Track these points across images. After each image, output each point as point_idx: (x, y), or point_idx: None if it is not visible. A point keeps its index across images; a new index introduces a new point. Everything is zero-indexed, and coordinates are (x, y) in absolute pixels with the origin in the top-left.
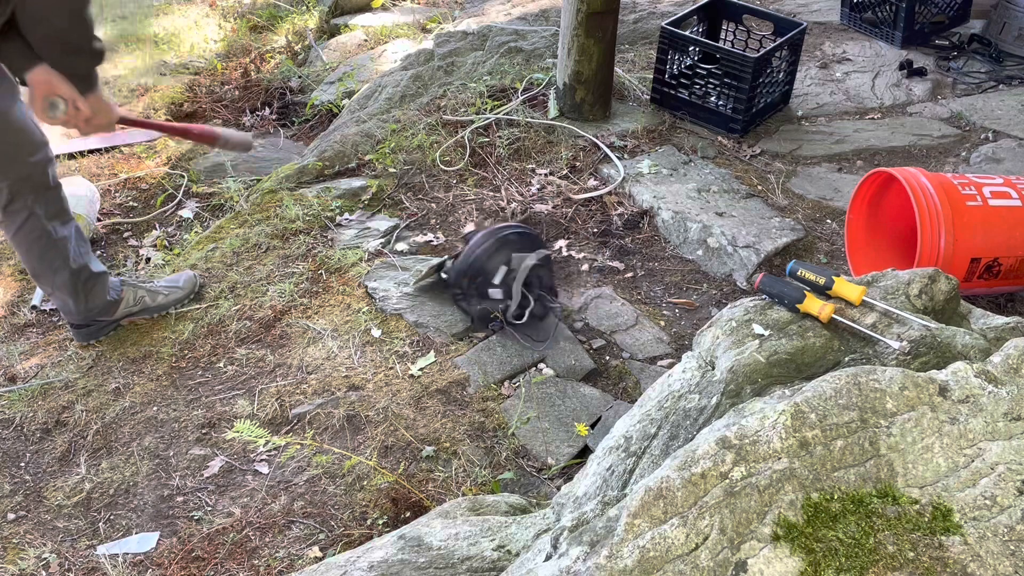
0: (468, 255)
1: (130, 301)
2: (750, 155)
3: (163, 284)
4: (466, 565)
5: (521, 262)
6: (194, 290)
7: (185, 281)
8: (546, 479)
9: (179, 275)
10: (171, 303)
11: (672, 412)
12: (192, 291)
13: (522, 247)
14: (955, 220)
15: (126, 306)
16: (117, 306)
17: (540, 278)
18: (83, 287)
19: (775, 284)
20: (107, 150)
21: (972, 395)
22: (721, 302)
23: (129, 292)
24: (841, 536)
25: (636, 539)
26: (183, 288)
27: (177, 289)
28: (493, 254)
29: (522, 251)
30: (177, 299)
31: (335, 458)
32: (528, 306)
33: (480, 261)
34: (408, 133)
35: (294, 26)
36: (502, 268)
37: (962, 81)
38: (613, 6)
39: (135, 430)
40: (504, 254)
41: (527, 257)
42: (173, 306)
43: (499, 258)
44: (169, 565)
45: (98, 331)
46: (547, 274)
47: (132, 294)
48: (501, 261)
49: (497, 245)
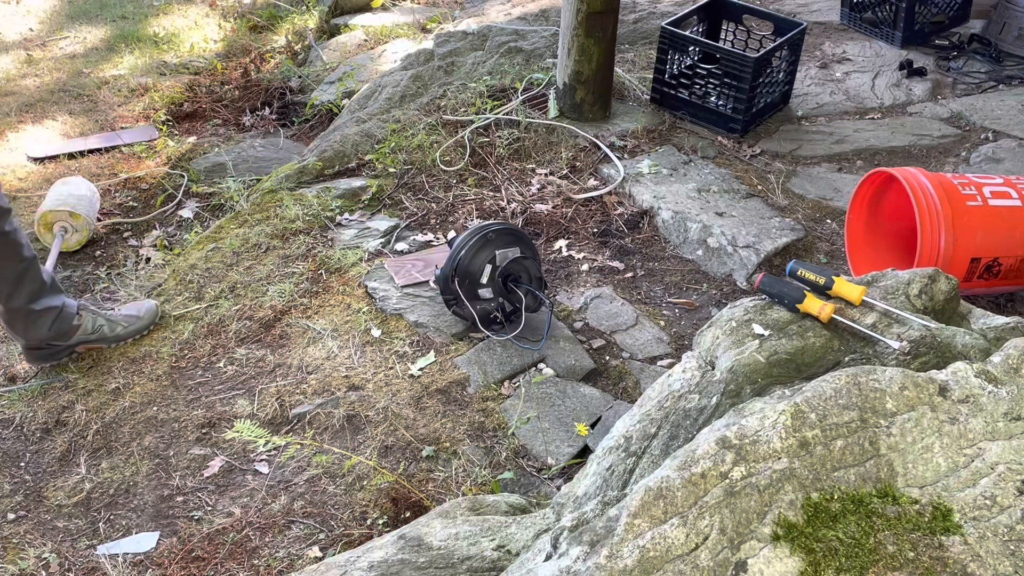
0: (451, 258)
1: (88, 328)
2: (750, 155)
3: (124, 314)
4: (466, 565)
5: (505, 259)
6: (154, 321)
7: (146, 312)
8: (546, 479)
9: (141, 304)
10: (129, 334)
11: (672, 412)
12: (152, 322)
13: (505, 243)
14: (955, 220)
15: (83, 333)
16: (74, 332)
17: (527, 269)
18: (23, 321)
19: (775, 284)
20: (107, 150)
21: (972, 395)
22: (721, 302)
23: (88, 319)
24: (841, 536)
25: (636, 539)
26: (143, 319)
27: (136, 319)
28: (476, 253)
29: (506, 247)
30: (136, 330)
31: (335, 458)
32: (520, 301)
33: (464, 262)
34: (408, 133)
35: (294, 26)
36: (487, 267)
37: (962, 81)
38: (613, 6)
39: (135, 430)
40: (487, 252)
41: (509, 251)
42: (131, 337)
43: (482, 256)
44: (169, 565)
45: (51, 355)
46: (533, 265)
47: (91, 321)
48: (485, 260)
49: (479, 244)
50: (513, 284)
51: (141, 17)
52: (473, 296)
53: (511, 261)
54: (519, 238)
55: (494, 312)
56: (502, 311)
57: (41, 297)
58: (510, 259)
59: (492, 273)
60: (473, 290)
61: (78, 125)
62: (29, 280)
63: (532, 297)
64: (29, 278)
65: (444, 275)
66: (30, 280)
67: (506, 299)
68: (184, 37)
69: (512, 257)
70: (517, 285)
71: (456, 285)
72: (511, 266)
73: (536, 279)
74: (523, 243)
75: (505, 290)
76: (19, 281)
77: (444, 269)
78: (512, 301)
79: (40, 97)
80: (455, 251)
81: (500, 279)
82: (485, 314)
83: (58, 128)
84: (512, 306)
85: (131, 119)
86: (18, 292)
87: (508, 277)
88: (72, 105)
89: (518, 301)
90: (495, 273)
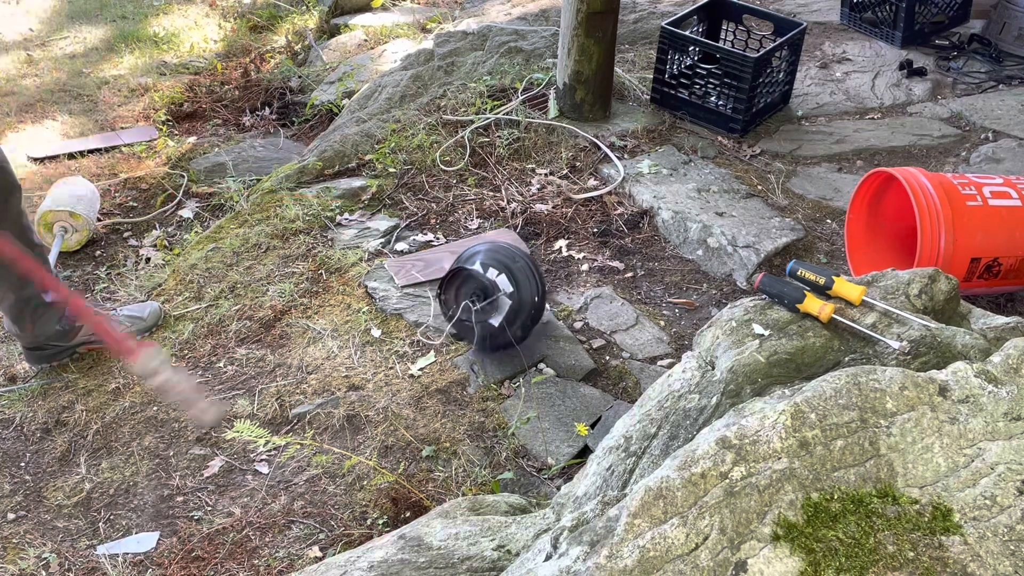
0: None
1: (89, 329)
2: (750, 155)
3: (127, 313)
4: (466, 565)
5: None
6: (158, 323)
7: (149, 313)
8: (546, 479)
9: (144, 305)
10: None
11: (672, 412)
12: (155, 324)
13: (489, 260)
14: (955, 220)
15: (85, 333)
16: (77, 333)
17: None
18: (31, 314)
19: (775, 284)
20: (107, 150)
21: (972, 395)
22: (721, 302)
23: None
24: (841, 536)
25: (636, 539)
26: (146, 320)
27: (139, 320)
28: (461, 290)
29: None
30: (138, 331)
31: (335, 458)
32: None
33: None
34: (408, 133)
35: (294, 26)
36: (498, 286)
37: (962, 81)
38: (613, 6)
39: (135, 430)
40: (471, 284)
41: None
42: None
43: (470, 287)
44: (169, 565)
45: (52, 355)
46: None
47: None
48: (474, 288)
49: (460, 283)
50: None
51: (141, 17)
52: (492, 309)
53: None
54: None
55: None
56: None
57: (50, 290)
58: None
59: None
60: (492, 306)
61: (78, 125)
62: (41, 269)
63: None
64: (41, 266)
65: (461, 323)
66: (42, 269)
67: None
68: (184, 37)
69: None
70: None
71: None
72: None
73: (479, 290)
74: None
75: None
76: (33, 267)
77: (455, 318)
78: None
79: (40, 97)
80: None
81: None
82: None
83: (58, 128)
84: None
85: (131, 119)
86: (29, 280)
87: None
88: (72, 105)
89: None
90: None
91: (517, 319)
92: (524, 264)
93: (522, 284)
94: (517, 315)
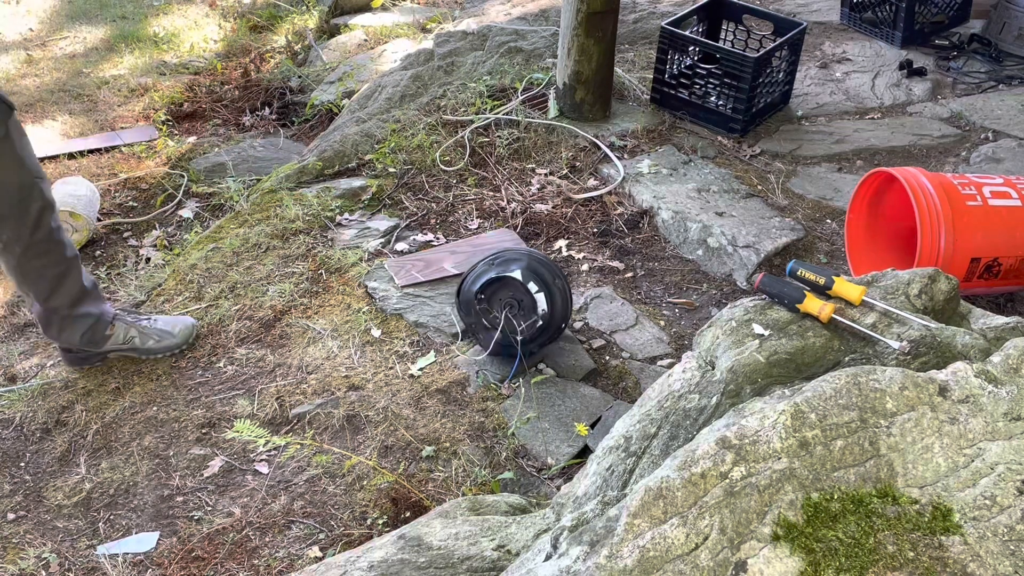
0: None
1: (119, 338)
2: (750, 155)
3: (158, 327)
4: (466, 565)
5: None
6: (188, 340)
7: (181, 330)
8: (546, 479)
9: (177, 319)
10: (161, 350)
11: (672, 412)
12: (186, 342)
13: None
14: (955, 220)
15: (114, 342)
16: (105, 340)
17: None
18: (59, 323)
19: (775, 284)
20: (107, 150)
21: (972, 395)
22: (721, 302)
23: (120, 329)
24: (841, 536)
25: (636, 539)
26: (177, 337)
27: (170, 336)
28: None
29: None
30: (167, 347)
31: (335, 458)
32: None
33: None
34: (408, 133)
35: (294, 26)
36: (534, 290)
37: (962, 81)
38: (613, 6)
39: (135, 430)
40: (509, 291)
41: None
42: (163, 353)
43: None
44: (169, 565)
45: (84, 359)
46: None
47: (123, 332)
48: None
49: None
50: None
51: (141, 17)
52: (528, 312)
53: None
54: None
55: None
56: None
57: (81, 303)
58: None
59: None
60: (527, 311)
61: (78, 125)
62: (70, 282)
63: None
64: (70, 280)
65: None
66: (71, 282)
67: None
68: (184, 37)
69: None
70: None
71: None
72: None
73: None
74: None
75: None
76: (60, 281)
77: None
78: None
79: (40, 97)
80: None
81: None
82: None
83: (58, 128)
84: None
85: (131, 119)
86: (58, 292)
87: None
88: (72, 105)
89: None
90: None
91: (540, 337)
92: (562, 286)
93: (556, 307)
94: (542, 333)
